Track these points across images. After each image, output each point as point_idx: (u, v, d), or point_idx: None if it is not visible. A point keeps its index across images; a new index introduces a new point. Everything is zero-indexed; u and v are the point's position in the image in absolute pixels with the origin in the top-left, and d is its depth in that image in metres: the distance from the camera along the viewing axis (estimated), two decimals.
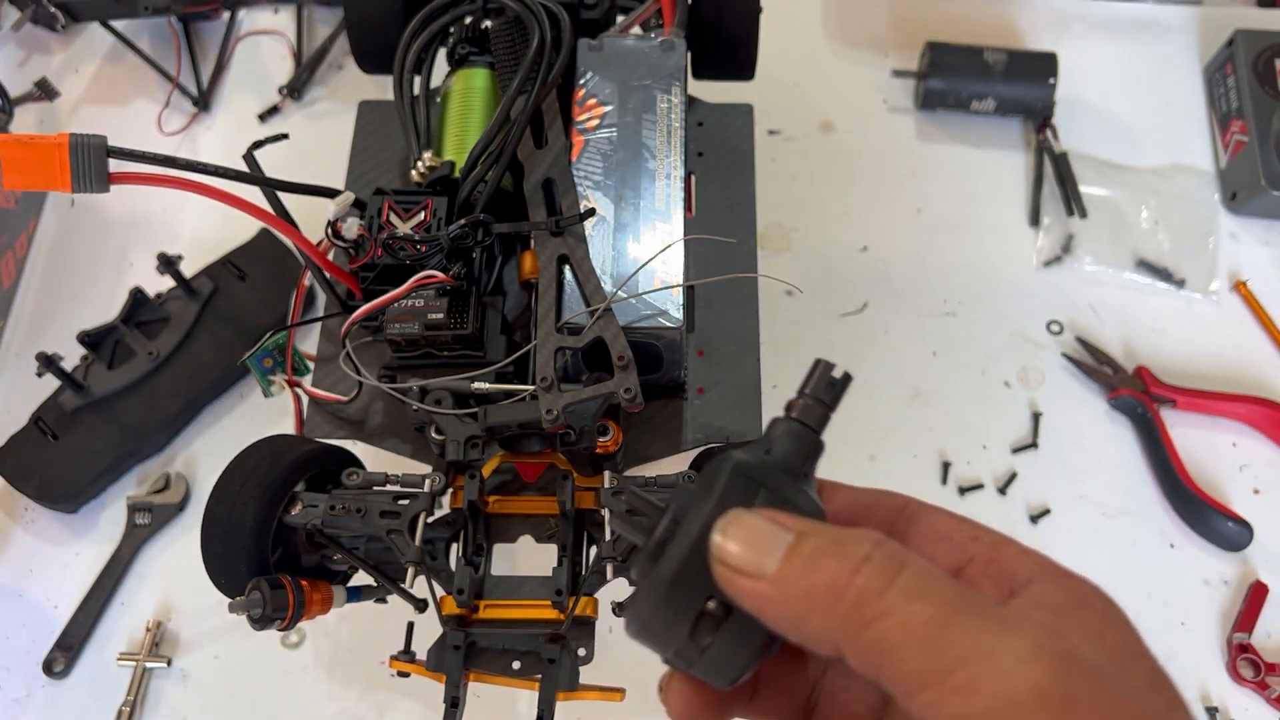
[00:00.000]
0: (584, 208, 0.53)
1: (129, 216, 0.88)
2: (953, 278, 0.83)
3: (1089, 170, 0.86)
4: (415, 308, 0.52)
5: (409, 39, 0.61)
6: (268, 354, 0.57)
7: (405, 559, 0.46)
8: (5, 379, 0.80)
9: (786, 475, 0.29)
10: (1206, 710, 0.66)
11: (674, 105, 0.56)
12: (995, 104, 0.87)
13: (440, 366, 0.54)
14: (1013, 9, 0.97)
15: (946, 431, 0.76)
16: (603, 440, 0.51)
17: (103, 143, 0.42)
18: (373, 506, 0.47)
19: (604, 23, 0.63)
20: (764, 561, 0.26)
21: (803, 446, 0.30)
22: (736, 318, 0.62)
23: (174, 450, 0.77)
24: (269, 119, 0.92)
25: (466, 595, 0.48)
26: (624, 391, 0.48)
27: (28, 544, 0.74)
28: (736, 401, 0.59)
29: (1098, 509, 0.73)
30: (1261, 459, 0.75)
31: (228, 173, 0.49)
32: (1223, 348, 0.80)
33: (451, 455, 0.49)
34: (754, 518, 0.27)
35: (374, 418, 0.57)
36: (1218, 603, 0.70)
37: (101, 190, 0.42)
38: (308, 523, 0.47)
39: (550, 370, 0.48)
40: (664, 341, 0.52)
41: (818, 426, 0.30)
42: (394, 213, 0.54)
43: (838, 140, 0.90)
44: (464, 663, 0.48)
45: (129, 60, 0.94)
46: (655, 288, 0.51)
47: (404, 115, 0.60)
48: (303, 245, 0.52)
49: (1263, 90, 0.85)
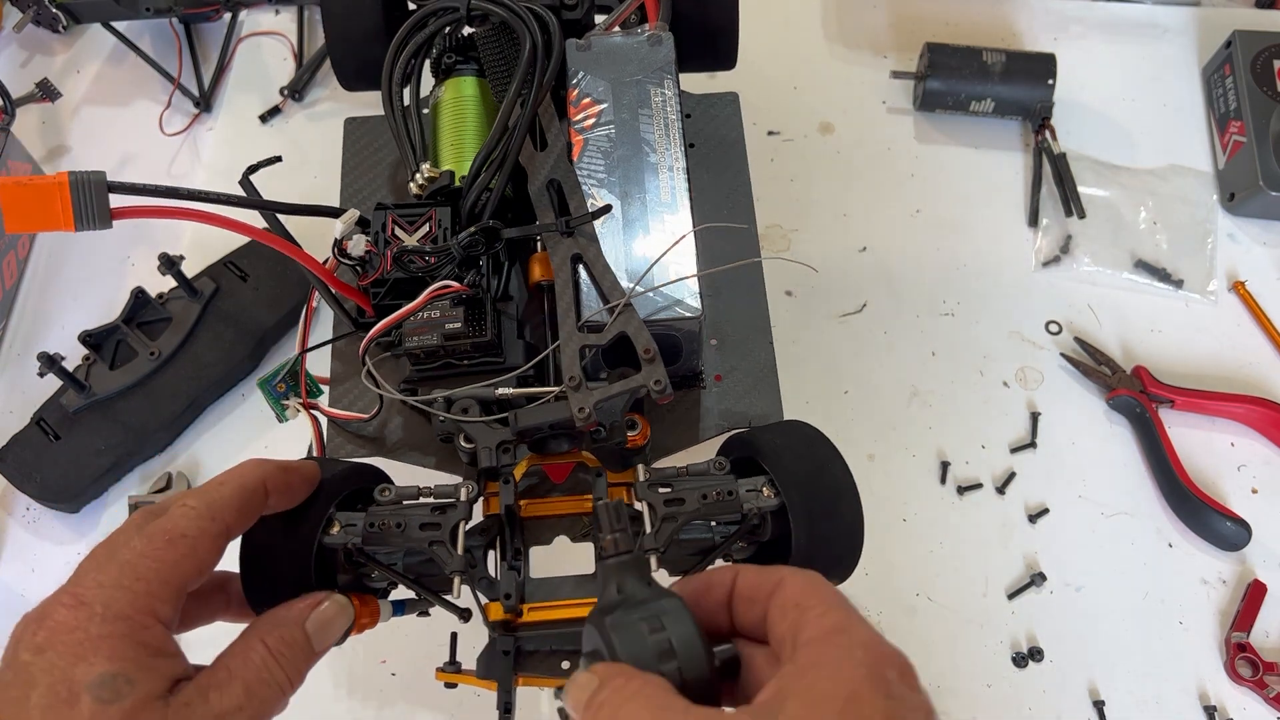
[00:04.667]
0: (591, 206, 0.53)
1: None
2: (951, 278, 0.83)
3: (1087, 171, 0.87)
4: (432, 319, 0.52)
5: (395, 53, 0.61)
6: (279, 379, 0.56)
7: (449, 569, 0.45)
8: (7, 379, 0.81)
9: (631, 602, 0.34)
10: (1205, 709, 0.67)
11: (668, 98, 0.57)
12: (994, 105, 0.88)
13: (460, 376, 0.54)
14: (1011, 10, 0.97)
15: (945, 431, 0.76)
16: (631, 434, 0.51)
17: (103, 179, 0.41)
18: (411, 520, 0.46)
19: (585, 22, 0.64)
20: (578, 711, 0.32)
21: (634, 569, 0.36)
22: (745, 304, 0.62)
23: (175, 450, 0.77)
24: (270, 120, 0.92)
25: (514, 599, 0.47)
26: (654, 384, 0.48)
27: (29, 544, 0.74)
28: (755, 385, 0.59)
29: (1096, 508, 0.73)
30: (1259, 459, 0.76)
31: (230, 199, 0.49)
32: (1221, 348, 0.80)
33: (485, 462, 0.49)
34: (580, 676, 0.33)
35: (392, 433, 0.57)
36: (1216, 602, 0.70)
37: (105, 227, 0.42)
38: (348, 542, 0.46)
39: (577, 369, 0.48)
40: (683, 332, 0.52)
41: (632, 547, 0.37)
42: (398, 226, 0.54)
43: (837, 141, 0.90)
44: (514, 667, 0.47)
45: (130, 61, 0.94)
46: (671, 279, 0.51)
47: (398, 129, 0.60)
48: (311, 266, 0.52)
49: (1261, 91, 0.85)
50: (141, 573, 0.35)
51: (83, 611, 0.34)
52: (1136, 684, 0.68)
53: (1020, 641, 0.69)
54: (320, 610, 0.41)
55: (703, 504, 0.47)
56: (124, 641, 0.33)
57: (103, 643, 0.33)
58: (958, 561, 0.72)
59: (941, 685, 0.68)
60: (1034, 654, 0.68)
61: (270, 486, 0.41)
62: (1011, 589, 0.71)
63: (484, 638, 0.49)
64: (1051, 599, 0.70)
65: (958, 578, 0.71)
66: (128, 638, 0.34)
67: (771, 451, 0.48)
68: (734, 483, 0.48)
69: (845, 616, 0.32)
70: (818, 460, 0.49)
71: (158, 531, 0.37)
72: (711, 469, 0.50)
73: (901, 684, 0.30)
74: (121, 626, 0.34)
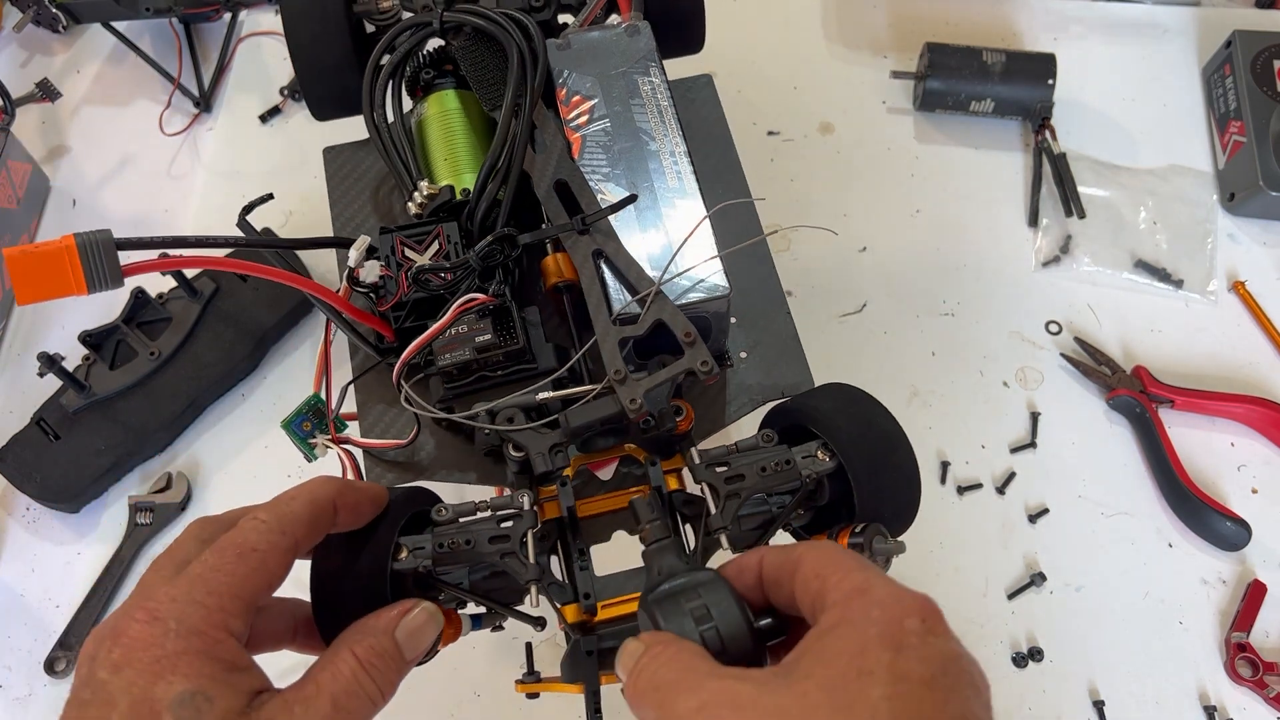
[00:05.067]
0: (602, 201, 0.53)
1: (131, 216, 0.88)
2: (951, 278, 0.83)
3: (1087, 171, 0.87)
4: (461, 334, 0.52)
5: (373, 76, 0.61)
6: (305, 418, 0.56)
7: (526, 579, 0.44)
8: (7, 379, 0.81)
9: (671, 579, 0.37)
10: (1205, 709, 0.67)
11: (657, 86, 0.57)
12: (994, 105, 0.88)
13: (494, 387, 0.53)
14: (1011, 10, 0.97)
15: (945, 431, 0.76)
16: (679, 419, 0.51)
17: (110, 238, 0.40)
18: (479, 535, 0.46)
19: (553, 22, 0.64)
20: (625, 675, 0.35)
21: (672, 551, 0.42)
22: (757, 279, 0.62)
23: (176, 450, 0.77)
24: (270, 119, 0.92)
25: (593, 598, 0.47)
26: (700, 365, 0.48)
27: (29, 544, 0.74)
28: (780, 356, 0.60)
29: (1096, 508, 0.73)
30: (1259, 459, 0.76)
31: (237, 242, 0.49)
32: (1220, 348, 0.80)
33: (541, 467, 0.49)
34: (629, 643, 0.35)
35: (427, 455, 0.57)
36: (1216, 602, 0.70)
37: (117, 286, 0.41)
38: (418, 565, 0.45)
39: (619, 362, 0.48)
40: (713, 313, 0.53)
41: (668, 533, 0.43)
42: (407, 248, 0.54)
43: (837, 141, 0.90)
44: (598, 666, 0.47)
45: (130, 61, 0.94)
46: (695, 263, 0.52)
47: (387, 152, 0.60)
48: (328, 298, 0.52)
49: (1261, 91, 0.85)
50: (213, 587, 0.35)
51: (157, 627, 0.33)
52: (1136, 684, 0.68)
53: (1020, 641, 0.69)
54: (410, 617, 0.40)
55: (762, 476, 0.47)
56: (200, 658, 0.33)
57: (180, 659, 0.33)
58: (958, 561, 0.72)
59: None
60: (1034, 654, 0.68)
61: (339, 504, 0.41)
62: (1011, 589, 0.71)
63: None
64: (1051, 599, 0.70)
65: (957, 578, 0.71)
66: (204, 654, 0.33)
67: (820, 415, 0.49)
68: (788, 451, 0.48)
69: (864, 578, 0.32)
70: (865, 416, 0.49)
71: (228, 545, 0.36)
72: (760, 442, 0.50)
73: (921, 633, 0.30)
74: (197, 642, 0.33)
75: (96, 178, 0.91)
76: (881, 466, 0.47)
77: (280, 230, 0.85)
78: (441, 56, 0.64)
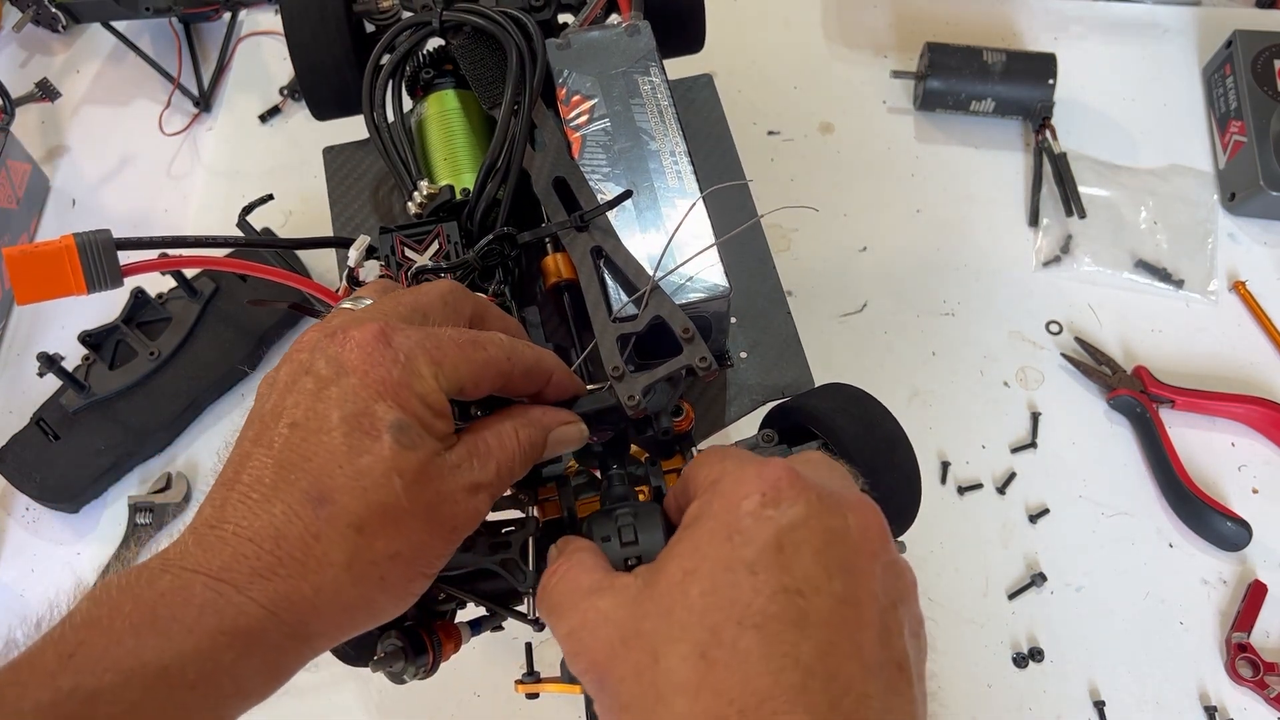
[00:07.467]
0: (601, 200, 0.53)
1: (131, 216, 0.88)
2: (951, 278, 0.83)
3: (1088, 171, 0.87)
4: None
5: (373, 75, 0.61)
6: None
7: (525, 586, 0.44)
8: (7, 379, 0.81)
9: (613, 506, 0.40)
10: (1205, 710, 0.67)
11: (657, 85, 0.57)
12: (994, 104, 0.88)
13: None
14: (1012, 10, 0.97)
15: (945, 431, 0.76)
16: (678, 420, 0.51)
17: (109, 238, 0.41)
18: (479, 542, 0.45)
19: (553, 22, 0.64)
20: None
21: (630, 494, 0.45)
22: (756, 278, 0.62)
23: (176, 450, 0.77)
24: (270, 119, 0.92)
25: None
26: (699, 361, 0.48)
27: (29, 544, 0.74)
28: (781, 356, 0.60)
29: (1096, 508, 0.73)
30: (1260, 459, 0.76)
31: (237, 242, 0.50)
32: (1221, 348, 0.80)
33: (547, 467, 0.48)
34: (552, 549, 0.38)
35: None
36: (1216, 602, 0.70)
37: (116, 286, 0.41)
38: None
39: (618, 359, 0.48)
40: (713, 312, 0.53)
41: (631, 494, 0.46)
42: (407, 247, 0.54)
43: (837, 141, 0.90)
44: None
45: (130, 61, 0.94)
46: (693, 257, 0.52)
47: (387, 152, 0.60)
48: (328, 298, 0.52)
49: (1261, 91, 0.85)
50: (448, 354, 0.35)
51: (388, 353, 0.33)
52: (1137, 684, 0.68)
53: (1020, 641, 0.69)
54: (568, 427, 0.41)
55: None
56: (417, 399, 0.34)
57: (400, 391, 0.33)
58: (958, 561, 0.72)
59: (942, 685, 0.68)
60: (1034, 654, 0.68)
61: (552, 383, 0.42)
62: (1012, 589, 0.71)
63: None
64: (1052, 599, 0.70)
65: (958, 578, 0.71)
66: (421, 398, 0.34)
67: (821, 415, 0.49)
68: (788, 451, 0.48)
69: (720, 469, 0.33)
70: (866, 416, 0.49)
71: (467, 331, 0.37)
72: (760, 442, 0.50)
73: (755, 513, 0.30)
74: (419, 385, 0.34)
75: (96, 177, 0.91)
76: (882, 466, 0.47)
77: (280, 230, 0.85)
78: (441, 56, 0.64)
